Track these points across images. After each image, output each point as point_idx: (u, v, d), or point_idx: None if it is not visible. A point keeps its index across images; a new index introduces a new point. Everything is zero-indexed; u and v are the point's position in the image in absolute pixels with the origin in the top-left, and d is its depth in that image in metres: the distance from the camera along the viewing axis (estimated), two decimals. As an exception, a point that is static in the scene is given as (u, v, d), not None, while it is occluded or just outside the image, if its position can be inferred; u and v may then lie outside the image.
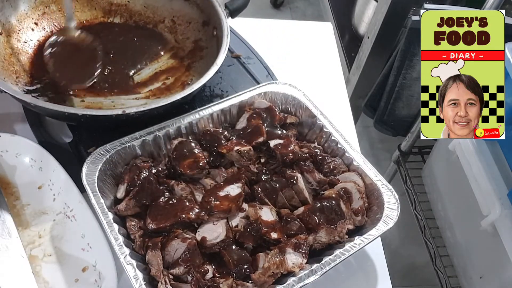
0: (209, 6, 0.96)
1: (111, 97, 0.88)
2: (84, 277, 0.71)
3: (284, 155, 0.78)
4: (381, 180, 0.76)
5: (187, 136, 0.81)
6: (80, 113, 0.74)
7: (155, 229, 0.69)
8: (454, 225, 1.44)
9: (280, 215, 0.73)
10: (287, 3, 2.73)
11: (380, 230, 0.70)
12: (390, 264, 0.81)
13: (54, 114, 0.78)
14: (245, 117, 0.84)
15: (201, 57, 0.97)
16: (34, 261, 0.72)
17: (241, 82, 0.97)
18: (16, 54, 0.90)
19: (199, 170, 0.75)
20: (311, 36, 1.19)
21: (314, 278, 0.65)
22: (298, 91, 0.88)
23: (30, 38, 0.93)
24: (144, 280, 0.62)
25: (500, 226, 1.13)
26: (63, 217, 0.76)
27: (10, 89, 0.76)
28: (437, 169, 1.55)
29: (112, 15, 1.02)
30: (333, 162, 0.80)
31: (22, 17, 0.93)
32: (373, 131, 1.83)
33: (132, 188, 0.72)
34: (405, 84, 1.50)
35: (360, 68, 1.72)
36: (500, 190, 1.15)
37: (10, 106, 0.87)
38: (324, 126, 0.84)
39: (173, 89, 0.92)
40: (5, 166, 0.80)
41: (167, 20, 1.02)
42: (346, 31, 2.06)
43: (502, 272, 1.18)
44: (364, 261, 0.81)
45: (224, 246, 0.68)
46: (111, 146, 0.75)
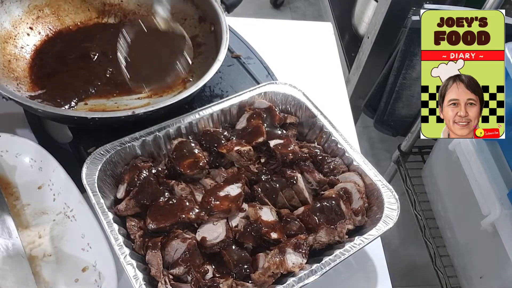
0: (204, 2, 0.95)
1: (114, 98, 0.88)
2: (84, 277, 0.71)
3: (284, 155, 0.78)
4: (381, 180, 0.76)
5: (187, 136, 0.81)
6: (89, 116, 0.73)
7: (155, 229, 0.69)
8: (454, 225, 1.44)
9: (280, 215, 0.73)
10: (287, 3, 2.73)
11: (380, 230, 0.70)
12: (390, 264, 0.81)
13: (63, 119, 0.78)
14: (245, 117, 0.84)
15: (199, 54, 0.96)
16: (34, 261, 0.72)
17: (241, 82, 0.97)
18: (15, 61, 0.89)
19: (199, 170, 0.75)
20: (311, 36, 1.19)
21: (314, 278, 0.65)
22: (298, 91, 0.88)
23: (26, 43, 0.93)
24: (144, 280, 0.62)
25: (500, 226, 1.13)
26: (63, 217, 0.76)
27: (16, 96, 0.76)
28: (437, 169, 1.55)
29: (106, 15, 1.02)
30: (333, 162, 0.80)
31: (16, 22, 0.92)
32: (373, 131, 1.83)
33: (132, 188, 0.72)
34: (405, 84, 1.50)
35: (360, 68, 1.72)
36: (500, 190, 1.15)
37: (10, 107, 0.87)
38: (324, 126, 0.84)
39: (174, 87, 0.92)
40: (5, 166, 0.80)
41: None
42: (346, 31, 2.06)
43: (502, 272, 1.18)
44: (364, 261, 0.81)
45: (224, 246, 0.68)
46: (111, 146, 0.75)
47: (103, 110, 0.86)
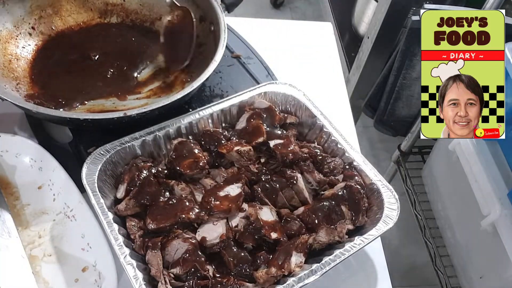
0: (204, 1, 0.95)
1: (112, 99, 0.88)
2: (84, 277, 0.71)
3: (284, 155, 0.78)
4: (381, 180, 0.76)
5: (187, 136, 0.81)
6: (82, 117, 0.73)
7: (155, 229, 0.69)
8: (454, 225, 1.44)
9: (280, 215, 0.73)
10: (287, 3, 2.73)
11: (380, 230, 0.70)
12: (390, 264, 0.81)
13: (56, 119, 0.78)
14: (245, 117, 0.84)
15: (199, 54, 0.96)
16: (34, 261, 0.72)
17: (241, 82, 0.97)
18: (16, 60, 0.89)
19: (199, 170, 0.75)
20: (311, 36, 1.19)
21: (314, 278, 0.65)
22: (298, 91, 0.88)
23: (28, 43, 0.93)
24: (144, 280, 0.62)
25: (500, 226, 1.13)
26: (63, 217, 0.76)
27: (11, 97, 0.76)
28: (437, 169, 1.55)
29: (109, 15, 1.02)
30: (333, 162, 0.80)
31: (18, 22, 0.92)
32: (373, 131, 1.82)
33: (132, 188, 0.72)
34: (405, 84, 1.50)
35: (360, 68, 1.72)
36: (500, 190, 1.15)
37: (10, 107, 0.87)
38: (324, 126, 0.84)
39: (174, 87, 0.92)
40: (5, 166, 0.80)
41: (164, 17, 1.02)
42: (346, 31, 2.06)
43: (502, 272, 1.18)
44: (364, 261, 0.81)
45: (224, 246, 0.68)
46: (111, 146, 0.75)
47: (101, 110, 0.86)
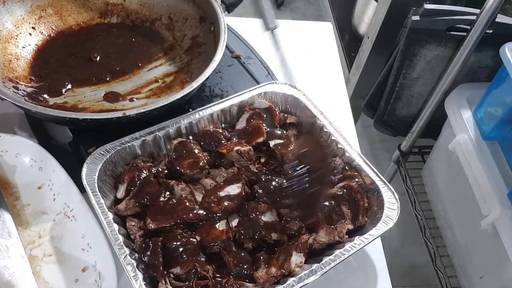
0: (205, 1, 0.95)
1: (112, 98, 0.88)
2: (84, 277, 0.71)
3: (284, 155, 0.78)
4: (381, 180, 0.76)
5: (187, 136, 0.81)
6: (81, 117, 0.73)
7: (155, 229, 0.69)
8: (454, 225, 1.44)
9: (280, 215, 0.73)
10: (287, 3, 2.73)
11: (380, 230, 0.70)
12: (390, 264, 0.81)
13: (56, 119, 0.78)
14: (245, 117, 0.84)
15: (199, 54, 0.96)
16: (34, 261, 0.72)
17: (241, 82, 0.97)
18: (16, 60, 0.89)
19: (199, 170, 0.75)
20: (311, 36, 1.19)
21: (314, 278, 0.65)
22: (298, 91, 0.88)
23: (28, 43, 0.93)
24: (144, 280, 0.62)
25: (500, 226, 1.13)
26: (63, 217, 0.76)
27: (11, 97, 0.76)
28: (437, 169, 1.55)
29: (109, 15, 1.02)
30: (333, 162, 0.80)
31: (19, 22, 0.92)
32: (373, 131, 1.82)
33: (132, 188, 0.72)
34: (405, 84, 1.50)
35: (360, 68, 1.72)
36: (500, 190, 1.15)
37: (10, 107, 0.87)
38: (324, 126, 0.84)
39: (173, 87, 0.92)
40: (5, 166, 0.80)
41: (164, 17, 1.02)
42: (346, 31, 2.06)
43: (502, 272, 1.18)
44: (364, 261, 0.81)
45: (224, 246, 0.68)
46: (111, 146, 0.75)
47: (100, 110, 0.86)
